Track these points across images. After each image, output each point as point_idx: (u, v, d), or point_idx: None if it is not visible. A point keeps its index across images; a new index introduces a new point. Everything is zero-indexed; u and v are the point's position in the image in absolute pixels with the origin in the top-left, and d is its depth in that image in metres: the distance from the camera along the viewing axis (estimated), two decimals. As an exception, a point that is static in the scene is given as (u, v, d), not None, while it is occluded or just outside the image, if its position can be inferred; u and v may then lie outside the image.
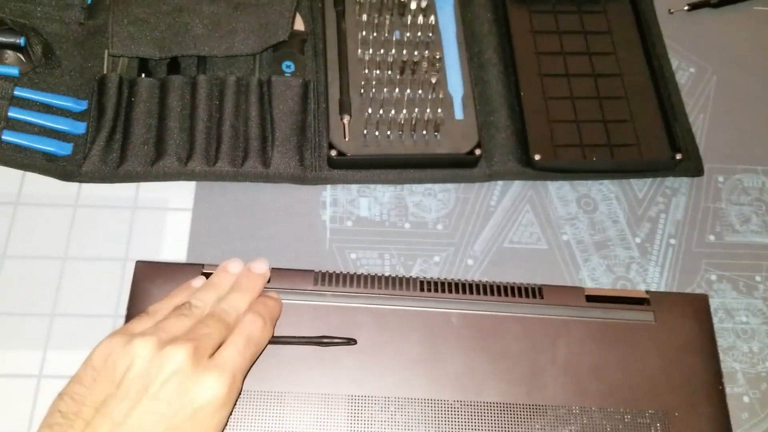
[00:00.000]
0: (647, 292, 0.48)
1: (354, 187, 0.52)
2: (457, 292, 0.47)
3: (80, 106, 0.52)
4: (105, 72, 0.53)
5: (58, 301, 0.46)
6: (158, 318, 0.40)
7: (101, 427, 0.34)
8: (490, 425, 0.43)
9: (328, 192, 0.52)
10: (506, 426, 0.43)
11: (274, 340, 0.43)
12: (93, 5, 0.55)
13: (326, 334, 0.44)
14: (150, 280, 0.46)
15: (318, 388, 0.43)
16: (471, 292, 0.47)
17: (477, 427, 0.43)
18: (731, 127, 0.57)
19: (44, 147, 0.49)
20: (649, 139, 0.54)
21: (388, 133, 0.51)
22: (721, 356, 0.47)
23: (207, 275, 0.45)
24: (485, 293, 0.47)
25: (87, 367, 0.37)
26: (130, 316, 0.44)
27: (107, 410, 0.35)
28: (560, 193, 0.53)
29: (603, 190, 0.54)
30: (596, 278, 0.50)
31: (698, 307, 0.48)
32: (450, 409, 0.43)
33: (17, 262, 0.47)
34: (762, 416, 0.47)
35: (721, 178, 0.55)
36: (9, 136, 0.49)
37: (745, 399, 0.47)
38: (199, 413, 0.36)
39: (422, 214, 0.52)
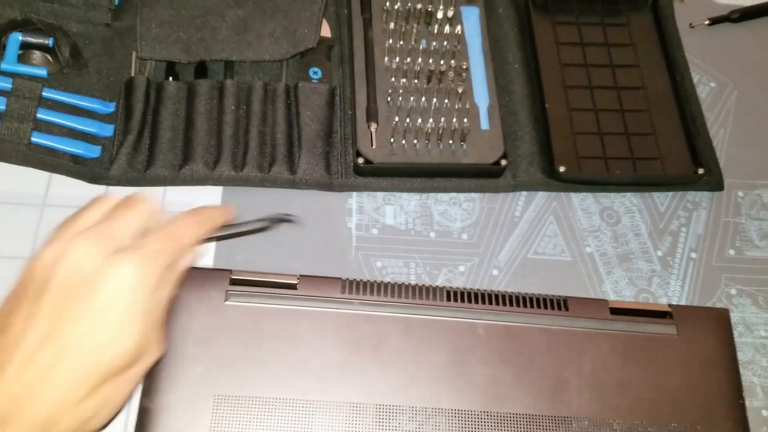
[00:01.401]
0: (670, 305, 0.48)
1: (380, 194, 0.52)
2: (483, 302, 0.47)
3: (108, 108, 0.52)
4: (132, 74, 0.53)
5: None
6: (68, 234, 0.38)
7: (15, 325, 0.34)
8: (517, 436, 0.43)
9: (353, 199, 0.52)
10: (533, 437, 0.43)
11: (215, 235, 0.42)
12: (120, 7, 0.55)
13: (353, 342, 0.45)
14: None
15: (345, 397, 0.44)
16: (497, 303, 0.47)
17: (504, 438, 0.43)
18: (751, 142, 0.58)
19: (73, 149, 0.49)
20: (672, 153, 0.55)
21: (415, 141, 0.52)
22: (741, 370, 0.47)
23: (235, 281, 0.46)
24: (511, 304, 0.47)
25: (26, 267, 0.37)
26: None
27: (23, 309, 0.35)
28: (584, 204, 0.54)
29: (626, 203, 0.54)
30: (619, 291, 0.51)
31: (720, 322, 0.48)
32: (476, 419, 0.44)
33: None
34: (781, 430, 0.47)
35: (741, 193, 0.55)
36: (38, 138, 0.49)
37: (764, 413, 0.48)
38: (110, 294, 0.35)
39: (447, 223, 0.52)
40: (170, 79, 0.53)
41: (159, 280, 0.38)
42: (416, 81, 0.54)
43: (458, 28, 0.56)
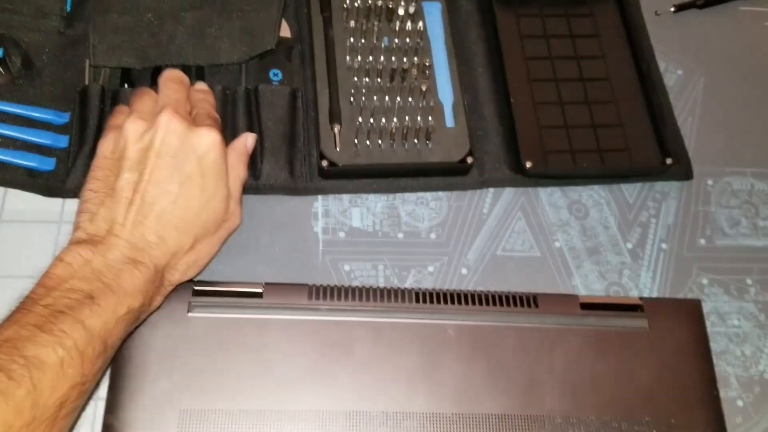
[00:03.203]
0: (641, 298, 0.48)
1: (346, 197, 0.52)
2: (452, 302, 0.46)
3: (62, 118, 0.50)
4: (87, 83, 0.51)
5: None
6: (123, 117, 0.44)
7: (124, 190, 0.41)
8: (490, 438, 0.43)
9: (319, 203, 0.51)
10: (505, 438, 0.43)
11: None
12: (73, 14, 0.54)
13: (322, 349, 0.44)
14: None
15: (314, 405, 0.43)
16: (467, 303, 0.46)
17: (476, 441, 0.43)
18: (720, 129, 0.57)
19: (26, 162, 0.48)
20: (639, 144, 0.54)
21: (379, 141, 0.51)
22: (714, 360, 0.47)
23: (198, 292, 0.45)
24: (481, 303, 0.47)
25: (97, 161, 0.43)
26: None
27: (126, 178, 0.41)
28: (551, 199, 0.53)
29: (594, 196, 0.54)
30: (589, 285, 0.50)
31: (692, 313, 0.48)
32: (448, 422, 0.43)
33: (1, 281, 0.46)
34: (756, 419, 0.47)
35: (710, 182, 0.55)
36: (-9, 152, 0.48)
37: (739, 403, 0.48)
38: (203, 160, 0.43)
39: (415, 223, 0.51)
40: (126, 86, 0.51)
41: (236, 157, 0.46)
42: (379, 80, 0.53)
43: (420, 24, 0.55)
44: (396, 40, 0.55)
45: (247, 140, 0.48)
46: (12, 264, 0.47)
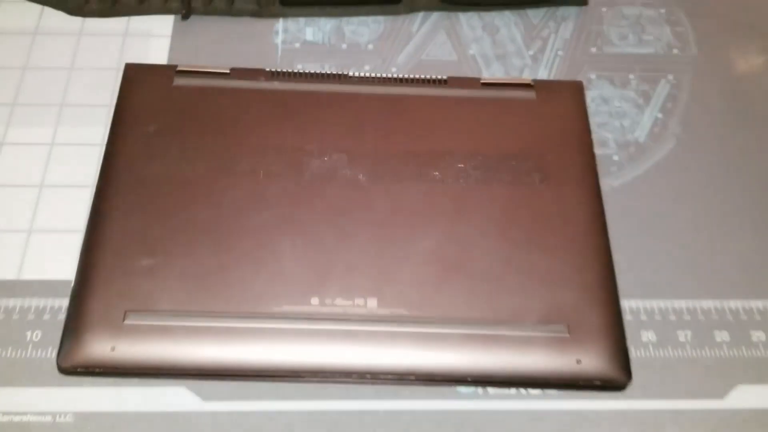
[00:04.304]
0: (532, 80, 0.59)
1: (302, 20, 0.65)
2: (382, 84, 0.58)
3: (83, -36, 0.65)
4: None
5: (66, 98, 0.59)
6: None
7: None
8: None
9: (280, 24, 0.64)
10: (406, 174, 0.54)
11: None
12: None
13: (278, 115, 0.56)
14: (135, 78, 0.58)
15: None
16: (393, 83, 0.58)
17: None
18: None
19: (55, -11, 0.63)
20: (544, -20, 0.66)
21: (327, -26, 0.64)
22: (596, 129, 0.58)
23: (180, 72, 0.58)
24: (401, 83, 0.58)
25: None
26: (118, 108, 0.56)
27: None
28: (470, 22, 0.65)
29: (504, 19, 0.66)
30: (497, 80, 0.62)
31: (574, 88, 0.59)
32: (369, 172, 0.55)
33: (33, 72, 0.60)
34: (628, 169, 0.57)
35: (604, 9, 0.66)
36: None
37: (615, 158, 0.58)
38: None
39: (356, 38, 0.64)
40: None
41: None
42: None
43: None
44: None
45: None
46: (45, 59, 0.61)
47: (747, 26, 0.66)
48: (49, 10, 0.64)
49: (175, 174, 0.52)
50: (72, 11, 0.63)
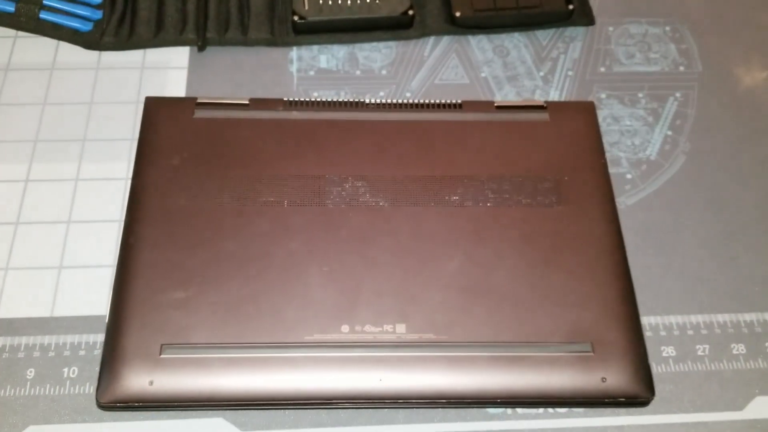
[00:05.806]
0: (545, 102, 0.60)
1: (315, 47, 0.66)
2: (398, 109, 0.59)
3: (98, -1, 0.66)
4: (116, -26, 0.67)
5: (87, 132, 0.60)
6: None
7: None
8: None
9: (294, 52, 0.66)
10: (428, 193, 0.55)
11: None
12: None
13: (293, 141, 0.57)
14: (156, 112, 0.59)
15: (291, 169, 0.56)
16: (408, 108, 0.59)
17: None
18: (619, -8, 0.70)
19: (72, 24, 0.64)
20: (550, 1, 0.67)
21: (339, 1, 0.65)
22: (608, 148, 0.60)
23: (200, 104, 0.59)
24: (417, 108, 0.60)
25: None
26: (142, 142, 0.57)
27: None
28: (480, 45, 0.67)
29: (513, 41, 0.67)
30: (509, 102, 0.63)
31: (586, 109, 0.60)
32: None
33: (53, 107, 0.61)
34: (641, 187, 0.59)
35: (611, 28, 0.68)
36: (45, 15, 0.64)
37: (628, 176, 0.60)
38: None
39: (370, 64, 0.65)
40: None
41: None
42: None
43: None
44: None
45: None
46: (63, 95, 0.62)
47: (750, 42, 0.68)
48: (64, 45, 0.65)
49: (202, 205, 0.53)
50: (88, 45, 0.64)
